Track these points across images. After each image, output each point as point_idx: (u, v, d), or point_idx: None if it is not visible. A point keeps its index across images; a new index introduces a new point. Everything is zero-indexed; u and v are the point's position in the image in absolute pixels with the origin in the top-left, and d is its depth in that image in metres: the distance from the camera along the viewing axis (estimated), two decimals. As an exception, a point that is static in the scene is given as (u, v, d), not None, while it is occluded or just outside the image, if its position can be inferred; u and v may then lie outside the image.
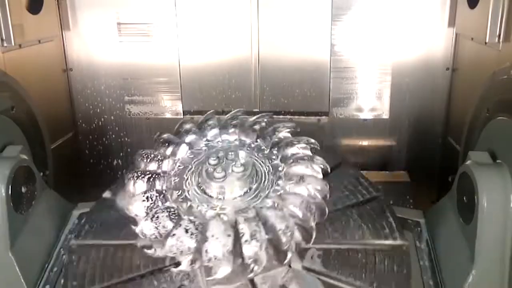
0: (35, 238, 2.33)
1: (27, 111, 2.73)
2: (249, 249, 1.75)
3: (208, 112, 2.40)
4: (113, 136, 3.59)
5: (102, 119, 3.56)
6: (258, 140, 2.27)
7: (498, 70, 2.33)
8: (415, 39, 3.27)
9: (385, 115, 3.42)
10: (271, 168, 2.10)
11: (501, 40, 2.43)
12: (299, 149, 2.15)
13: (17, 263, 2.16)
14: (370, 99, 3.39)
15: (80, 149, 3.61)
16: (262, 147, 2.23)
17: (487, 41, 2.50)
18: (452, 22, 3.18)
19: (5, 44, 2.64)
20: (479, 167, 2.04)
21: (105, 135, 3.59)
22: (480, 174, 2.00)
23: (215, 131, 2.31)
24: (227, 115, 2.38)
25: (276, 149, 2.18)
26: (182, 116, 3.43)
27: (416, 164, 3.50)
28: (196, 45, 3.35)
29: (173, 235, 1.79)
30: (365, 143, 3.53)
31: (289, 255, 1.85)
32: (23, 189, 2.28)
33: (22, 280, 2.17)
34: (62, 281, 2.18)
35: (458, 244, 2.13)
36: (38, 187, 2.40)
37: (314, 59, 3.33)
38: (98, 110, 3.54)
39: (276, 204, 1.92)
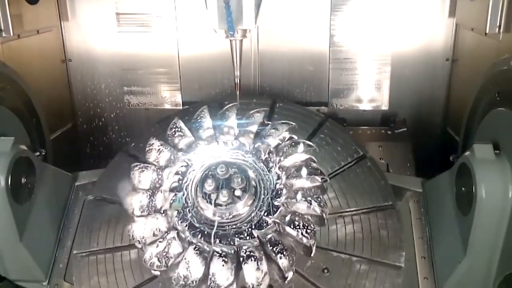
0: (42, 220, 2.37)
1: (26, 101, 2.73)
2: (252, 277, 1.82)
3: (201, 108, 2.32)
4: (112, 126, 3.59)
5: (101, 110, 3.56)
6: (256, 142, 2.22)
7: (498, 61, 2.32)
8: (415, 30, 3.26)
9: (385, 106, 3.41)
10: (269, 181, 2.10)
11: (501, 31, 2.43)
12: (298, 156, 2.12)
13: (29, 251, 2.23)
14: (370, 90, 3.38)
15: (79, 139, 3.61)
16: (260, 151, 2.20)
17: (487, 31, 2.49)
18: (452, 13, 3.16)
19: (3, 35, 2.63)
20: (478, 158, 2.04)
21: (104, 126, 3.59)
22: (479, 165, 2.00)
23: (210, 132, 2.26)
24: (222, 110, 2.31)
25: (274, 154, 2.16)
26: (181, 107, 3.43)
27: (415, 155, 3.50)
28: (195, 36, 3.33)
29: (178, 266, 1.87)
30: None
31: (290, 275, 1.90)
32: (24, 179, 2.29)
33: (37, 265, 2.26)
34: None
35: (452, 230, 2.15)
36: (38, 172, 2.40)
37: (313, 50, 3.31)
38: (97, 101, 3.53)
39: (276, 227, 1.96)
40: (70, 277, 2.27)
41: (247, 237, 1.96)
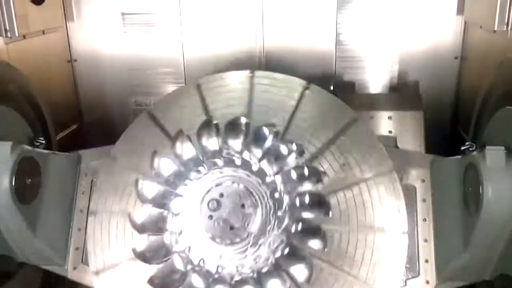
0: (53, 210, 2.37)
1: (32, 102, 2.73)
2: None
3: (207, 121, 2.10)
4: (118, 126, 3.58)
5: (107, 110, 3.57)
6: (262, 162, 2.03)
7: (506, 59, 2.28)
8: (423, 28, 3.23)
9: (392, 105, 3.38)
10: (273, 213, 2.01)
11: (509, 27, 2.39)
12: (308, 185, 2.00)
13: (45, 243, 2.28)
14: (377, 89, 3.35)
15: (86, 139, 3.62)
16: (265, 172, 2.02)
17: (495, 29, 2.45)
18: (460, 10, 3.13)
19: (9, 35, 2.63)
20: (489, 165, 1.96)
21: (110, 126, 3.59)
22: (489, 173, 1.95)
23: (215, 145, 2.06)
24: (224, 127, 2.07)
25: (281, 182, 2.01)
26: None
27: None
28: (200, 36, 3.33)
29: None
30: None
31: None
32: (29, 180, 2.29)
33: (55, 254, 2.33)
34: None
35: (456, 221, 2.12)
36: (41, 163, 2.37)
37: (319, 49, 3.29)
38: (103, 101, 3.54)
39: (276, 272, 1.93)
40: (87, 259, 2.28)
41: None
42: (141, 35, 3.34)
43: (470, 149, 2.18)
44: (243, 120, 2.03)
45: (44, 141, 2.71)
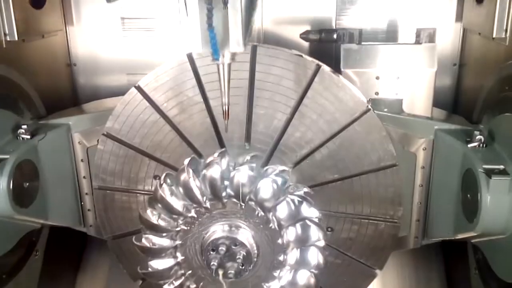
0: (57, 191, 2.56)
1: (31, 106, 2.73)
2: None
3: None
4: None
5: (106, 114, 3.54)
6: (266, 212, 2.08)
7: (504, 65, 2.29)
8: (421, 34, 3.22)
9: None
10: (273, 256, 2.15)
11: (508, 34, 2.39)
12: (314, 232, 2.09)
13: (60, 223, 2.62)
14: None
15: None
16: (269, 222, 2.09)
17: (494, 36, 2.45)
18: (459, 17, 3.13)
19: (8, 39, 2.63)
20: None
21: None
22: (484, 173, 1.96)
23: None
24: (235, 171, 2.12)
25: (285, 227, 2.08)
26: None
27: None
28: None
29: None
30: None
31: None
32: (26, 184, 2.32)
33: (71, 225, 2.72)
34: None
35: (450, 200, 2.24)
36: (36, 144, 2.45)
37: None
38: (102, 106, 3.52)
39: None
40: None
41: None
42: (141, 40, 3.33)
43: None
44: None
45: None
